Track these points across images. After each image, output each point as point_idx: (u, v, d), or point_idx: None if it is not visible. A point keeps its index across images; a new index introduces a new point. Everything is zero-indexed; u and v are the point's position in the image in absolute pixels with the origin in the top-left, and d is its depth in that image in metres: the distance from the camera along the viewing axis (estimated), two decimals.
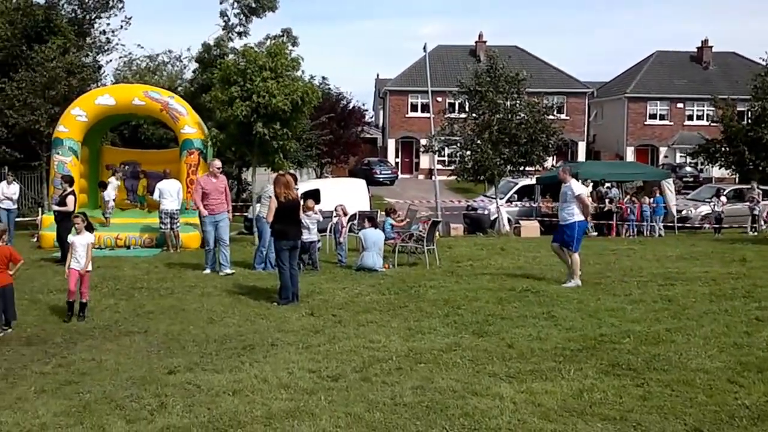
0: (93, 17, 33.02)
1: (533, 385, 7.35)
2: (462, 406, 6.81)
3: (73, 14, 32.06)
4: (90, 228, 10.76)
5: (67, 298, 10.50)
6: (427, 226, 15.94)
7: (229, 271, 14.05)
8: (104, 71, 35.06)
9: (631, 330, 9.56)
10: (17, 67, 26.77)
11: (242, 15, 29.22)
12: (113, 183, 19.95)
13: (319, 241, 15.12)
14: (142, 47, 53.88)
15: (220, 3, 29.70)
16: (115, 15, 33.68)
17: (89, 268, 10.61)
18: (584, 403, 6.81)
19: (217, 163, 14.93)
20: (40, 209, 23.23)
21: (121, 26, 34.71)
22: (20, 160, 26.31)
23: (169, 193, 17.28)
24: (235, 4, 29.02)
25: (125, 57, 37.22)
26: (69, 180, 16.28)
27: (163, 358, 8.48)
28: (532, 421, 6.39)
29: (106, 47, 34.09)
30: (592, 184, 23.14)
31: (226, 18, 29.79)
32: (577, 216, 13.01)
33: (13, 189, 18.85)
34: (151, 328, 9.90)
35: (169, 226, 17.24)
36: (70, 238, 10.76)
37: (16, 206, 19.16)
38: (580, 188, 13.29)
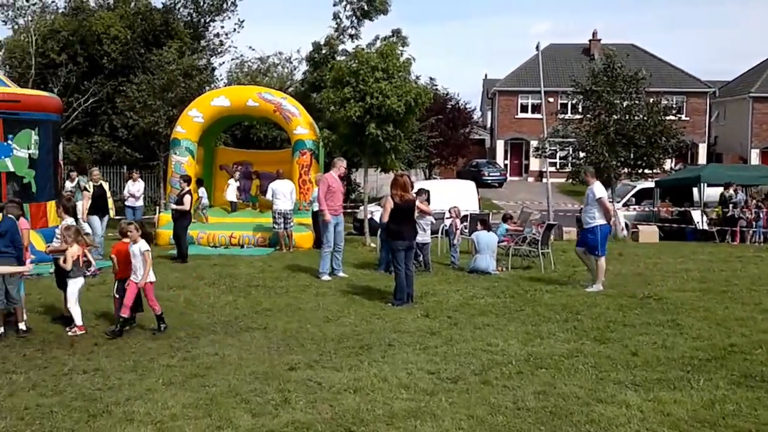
0: (208, 21, 34.11)
1: (661, 394, 7.08)
2: (587, 412, 6.64)
3: (189, 18, 33.16)
4: (147, 237, 10.06)
5: (119, 314, 9.61)
6: (541, 229, 15.62)
7: (342, 274, 14.06)
8: (218, 73, 36.07)
9: (762, 340, 9.09)
10: (136, 70, 27.86)
11: (354, 17, 29.49)
12: (233, 184, 20.48)
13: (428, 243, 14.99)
14: (254, 49, 55.51)
15: (334, 5, 30.07)
16: (229, 18, 34.79)
17: (151, 278, 9.80)
18: (716, 415, 6.52)
19: (345, 163, 14.95)
20: (157, 208, 24.09)
21: (234, 29, 35.87)
22: (139, 160, 27.36)
23: (282, 193, 17.53)
24: (348, 7, 29.30)
25: (237, 59, 38.25)
26: (187, 180, 16.76)
27: (283, 354, 8.56)
28: (661, 431, 6.17)
29: (219, 50, 35.19)
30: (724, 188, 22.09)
31: (338, 20, 30.15)
32: (598, 220, 12.68)
33: (138, 187, 19.48)
34: (270, 325, 10.04)
35: (282, 225, 17.51)
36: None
37: (141, 204, 19.76)
38: (601, 191, 12.89)
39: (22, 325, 9.68)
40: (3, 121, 15.78)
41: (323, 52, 30.29)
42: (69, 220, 10.50)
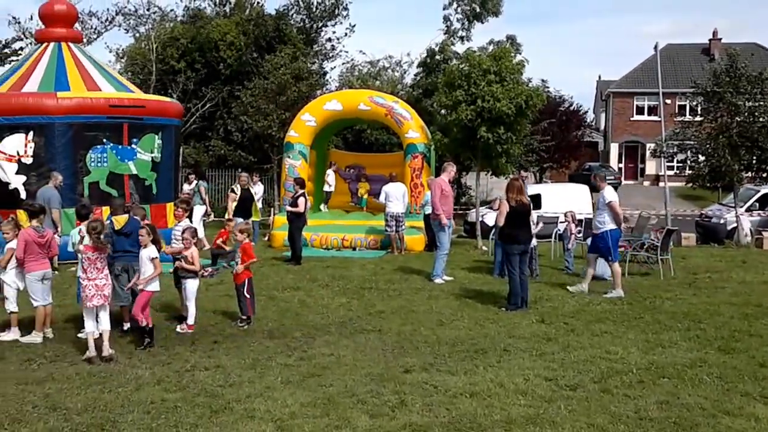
0: (320, 26, 34.61)
1: None
2: (714, 424, 6.42)
3: (302, 23, 33.75)
4: (157, 243, 9.55)
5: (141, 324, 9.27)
6: (660, 235, 15.10)
7: (447, 278, 13.97)
8: (330, 77, 36.60)
9: None
10: (250, 74, 28.54)
11: (465, 20, 29.32)
12: (331, 175, 20.97)
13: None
14: (364, 53, 56.05)
15: (444, 9, 30.01)
16: (340, 23, 35.09)
17: (151, 287, 9.35)
18: None
19: (455, 167, 14.94)
20: (271, 210, 24.60)
21: (346, 34, 36.04)
22: (253, 163, 28.01)
23: (395, 196, 17.60)
24: (459, 9, 29.19)
25: (348, 63, 38.67)
26: (301, 183, 17.03)
27: (398, 357, 8.57)
28: None
29: (330, 54, 35.64)
30: None
31: (448, 23, 30.06)
32: (608, 224, 12.50)
33: (256, 189, 19.93)
34: (384, 327, 10.07)
35: (394, 228, 17.56)
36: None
37: (260, 207, 20.24)
38: (612, 195, 12.68)
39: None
40: (129, 126, 16.48)
41: (437, 57, 30.26)
42: (186, 222, 10.84)
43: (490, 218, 19.33)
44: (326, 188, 21.33)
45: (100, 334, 8.63)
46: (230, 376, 7.82)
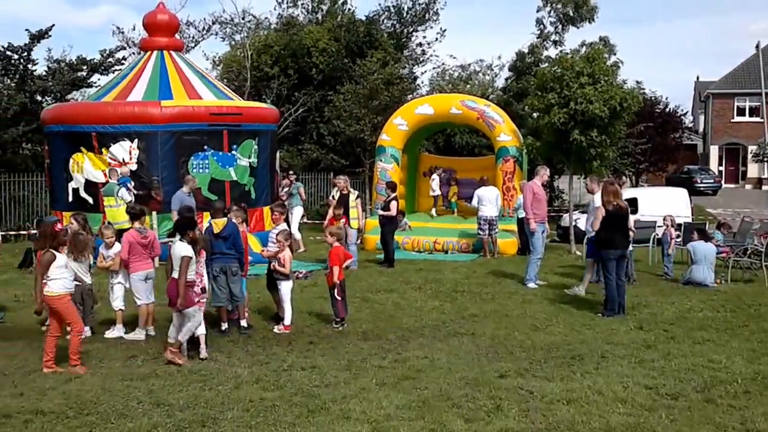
0: (410, 31, 34.71)
1: None
2: None
3: (392, 29, 33.93)
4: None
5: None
6: (764, 240, 14.53)
7: (540, 282, 13.78)
8: (421, 81, 36.52)
9: None
10: (342, 79, 28.87)
11: (558, 24, 28.90)
12: (435, 180, 21.14)
13: None
14: (455, 57, 55.65)
15: (537, 11, 29.65)
16: (431, 28, 35.07)
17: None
18: None
19: (548, 171, 14.79)
20: (362, 213, 24.76)
21: (436, 38, 36.05)
22: (345, 167, 28.29)
23: (488, 199, 17.49)
24: (552, 13, 28.77)
25: (438, 67, 38.61)
26: (392, 186, 17.11)
27: (492, 361, 8.52)
28: None
29: (421, 59, 35.68)
30: None
31: (541, 26, 29.69)
32: None
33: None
34: (478, 331, 10.02)
35: (487, 232, 17.45)
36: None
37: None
38: (600, 200, 12.20)
39: (243, 322, 10.29)
40: (228, 133, 16.90)
41: (527, 60, 29.96)
42: (282, 225, 11.03)
43: (583, 222, 18.99)
44: (431, 193, 21.40)
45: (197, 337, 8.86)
46: (326, 376, 7.93)
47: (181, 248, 8.65)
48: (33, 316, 9.51)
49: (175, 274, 8.59)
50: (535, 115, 19.87)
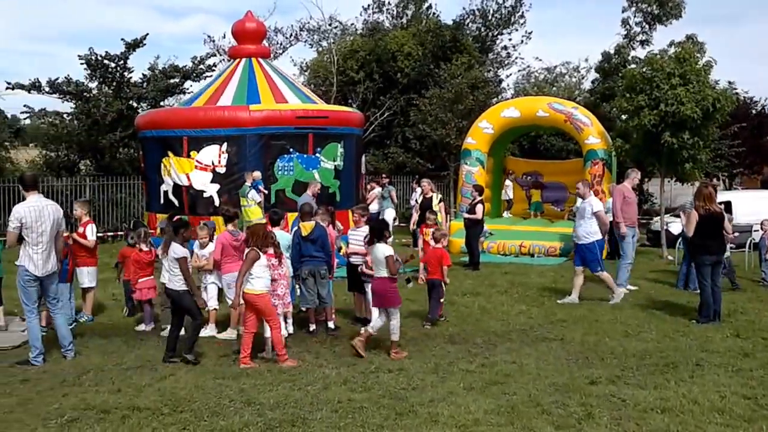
0: (495, 34, 34.51)
1: None
2: None
3: (477, 32, 33.79)
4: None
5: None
6: None
7: (631, 287, 13.46)
8: (506, 84, 36.27)
9: None
10: (427, 84, 28.92)
11: (644, 23, 28.21)
12: (509, 185, 20.70)
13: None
14: (540, 59, 54.90)
15: (622, 12, 29.03)
16: (516, 30, 34.80)
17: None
18: None
19: (638, 174, 14.48)
20: (447, 216, 24.72)
21: (522, 41, 35.63)
22: (431, 170, 28.34)
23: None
24: (638, 13, 28.10)
25: (524, 70, 38.28)
26: (479, 189, 17.03)
27: (582, 367, 8.36)
28: None
29: (506, 62, 35.43)
30: None
31: (627, 26, 29.05)
32: (595, 235, 12.17)
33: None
34: (567, 336, 9.86)
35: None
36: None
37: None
38: (599, 205, 12.54)
39: (331, 324, 10.40)
40: (313, 136, 17.15)
41: (613, 61, 29.38)
42: (366, 228, 11.08)
43: (675, 227, 18.50)
44: (504, 197, 21.31)
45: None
46: (413, 379, 7.92)
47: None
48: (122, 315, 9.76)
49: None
50: (623, 116, 19.42)
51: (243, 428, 6.55)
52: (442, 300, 10.79)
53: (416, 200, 18.44)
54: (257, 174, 16.41)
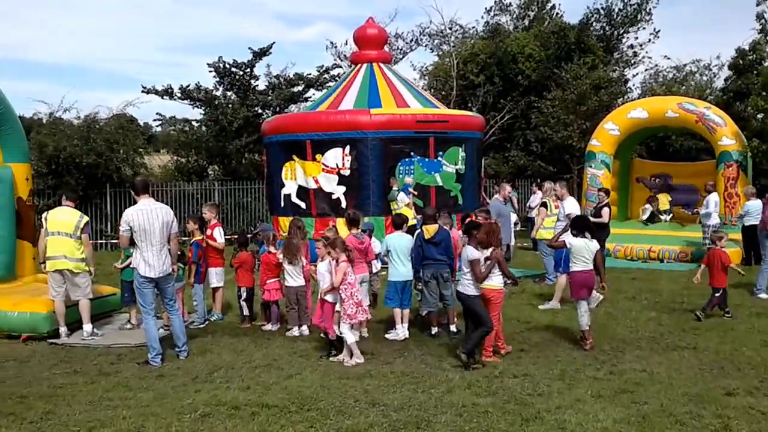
0: (621, 32, 33.55)
1: None
2: None
3: (602, 31, 32.95)
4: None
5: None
6: None
7: (764, 295, 12.75)
8: (632, 84, 35.17)
9: None
10: (549, 85, 28.44)
11: None
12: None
13: None
14: (669, 58, 52.91)
15: (756, 5, 27.62)
16: (643, 28, 33.72)
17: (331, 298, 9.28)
18: None
19: None
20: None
21: (649, 39, 34.44)
22: (552, 173, 27.82)
23: (706, 206, 16.55)
24: None
25: (651, 69, 37.02)
26: (607, 192, 16.55)
27: (718, 377, 7.98)
28: None
29: (632, 61, 34.37)
30: None
31: (762, 21, 27.61)
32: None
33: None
34: (700, 345, 9.43)
35: (709, 240, 16.46)
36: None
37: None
38: (572, 207, 12.51)
39: (453, 327, 10.34)
40: (435, 140, 17.20)
41: (748, 57, 28.00)
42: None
43: None
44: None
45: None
46: (539, 385, 7.77)
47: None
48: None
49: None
50: (760, 116, 18.51)
51: (368, 428, 6.59)
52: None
53: (538, 206, 18.14)
54: (409, 179, 16.97)
